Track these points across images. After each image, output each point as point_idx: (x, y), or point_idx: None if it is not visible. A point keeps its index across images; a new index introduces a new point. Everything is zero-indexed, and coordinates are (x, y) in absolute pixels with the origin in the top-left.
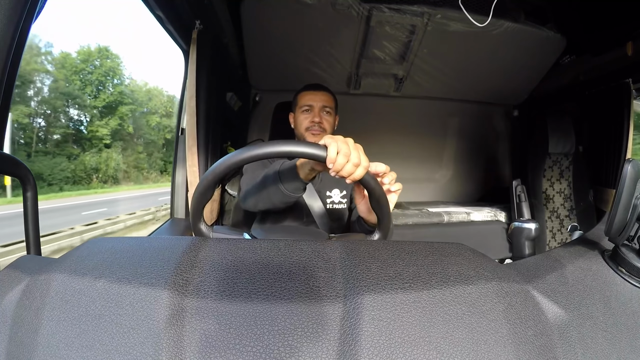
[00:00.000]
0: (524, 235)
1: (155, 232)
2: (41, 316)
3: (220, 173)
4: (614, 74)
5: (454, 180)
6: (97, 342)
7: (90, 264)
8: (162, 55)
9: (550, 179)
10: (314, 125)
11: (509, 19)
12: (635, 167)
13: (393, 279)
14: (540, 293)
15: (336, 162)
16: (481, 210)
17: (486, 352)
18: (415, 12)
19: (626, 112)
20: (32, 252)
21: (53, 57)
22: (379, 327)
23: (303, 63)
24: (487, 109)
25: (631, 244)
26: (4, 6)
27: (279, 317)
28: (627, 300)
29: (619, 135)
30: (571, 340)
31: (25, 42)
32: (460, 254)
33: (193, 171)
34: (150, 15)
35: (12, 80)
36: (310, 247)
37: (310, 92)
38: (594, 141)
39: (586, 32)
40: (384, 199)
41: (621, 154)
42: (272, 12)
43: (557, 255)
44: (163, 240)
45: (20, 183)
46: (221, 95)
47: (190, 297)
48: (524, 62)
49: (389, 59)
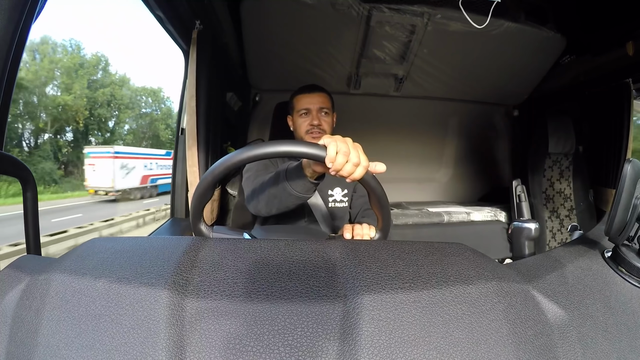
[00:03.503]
0: (524, 235)
1: (155, 232)
2: (41, 316)
3: (220, 173)
4: (614, 74)
5: (454, 180)
6: (97, 342)
7: (90, 264)
8: (161, 55)
9: (550, 179)
10: (313, 128)
11: (508, 19)
12: (635, 167)
13: (393, 278)
14: (540, 293)
15: (336, 162)
16: (481, 210)
17: (486, 352)
18: (415, 12)
19: (626, 112)
20: (32, 252)
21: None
22: (379, 327)
23: (303, 63)
24: (487, 109)
25: (631, 244)
26: (4, 6)
27: (279, 317)
28: (627, 300)
29: (619, 135)
30: (571, 340)
31: (25, 42)
32: (460, 254)
33: (193, 171)
34: (150, 15)
35: (12, 80)
36: (310, 247)
37: (306, 95)
38: (594, 141)
39: (586, 32)
40: (384, 198)
41: (621, 154)
42: (272, 12)
43: (557, 255)
44: (163, 240)
45: (20, 183)
46: (221, 95)
47: (190, 297)
48: (524, 62)
49: (389, 59)
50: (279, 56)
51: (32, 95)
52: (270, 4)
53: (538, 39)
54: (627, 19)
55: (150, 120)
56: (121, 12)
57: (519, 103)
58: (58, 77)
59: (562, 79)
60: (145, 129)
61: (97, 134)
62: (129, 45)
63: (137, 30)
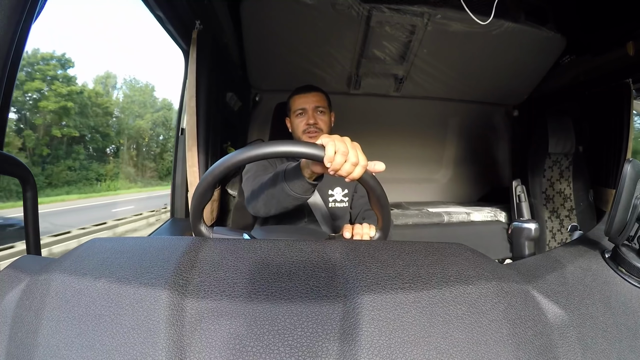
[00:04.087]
0: (524, 235)
1: (155, 232)
2: (41, 316)
3: (220, 173)
4: (614, 74)
5: (454, 180)
6: (97, 342)
7: (90, 264)
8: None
9: (550, 179)
10: (309, 127)
11: (509, 19)
12: (635, 167)
13: (393, 279)
14: (540, 293)
15: (334, 161)
16: (481, 210)
17: (486, 352)
18: (415, 12)
19: (626, 112)
20: (32, 252)
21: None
22: (379, 327)
23: (303, 63)
24: (487, 109)
25: (631, 244)
26: (4, 6)
27: (279, 317)
28: (627, 300)
29: (619, 135)
30: (571, 340)
31: (25, 42)
32: (460, 254)
33: (193, 171)
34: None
35: (12, 80)
36: (310, 247)
37: (302, 95)
38: (594, 141)
39: (586, 32)
40: (384, 198)
41: (621, 154)
42: (272, 12)
43: (557, 255)
44: (163, 240)
45: (20, 183)
46: (221, 95)
47: (190, 297)
48: (524, 62)
49: (389, 59)
50: (279, 56)
51: (123, 122)
52: (270, 4)
53: (538, 39)
54: (627, 19)
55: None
56: (121, 12)
57: (519, 103)
58: (134, 107)
59: (562, 79)
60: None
61: (154, 147)
62: (129, 45)
63: (137, 30)
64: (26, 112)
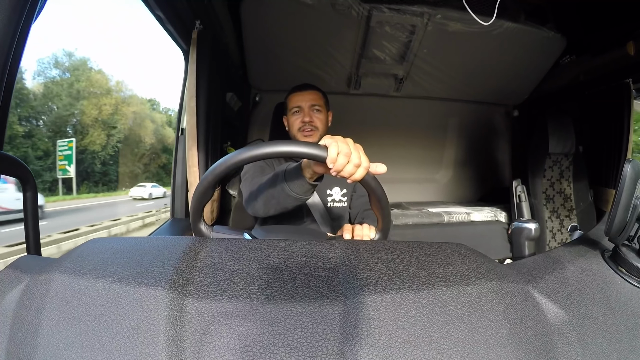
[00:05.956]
0: (524, 235)
1: (155, 232)
2: (41, 316)
3: (220, 173)
4: (614, 74)
5: (454, 181)
6: (97, 342)
7: (90, 264)
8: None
9: (550, 179)
10: (304, 125)
11: (509, 19)
12: (635, 167)
13: (393, 279)
14: (540, 293)
15: (337, 162)
16: (481, 210)
17: (486, 352)
18: (415, 12)
19: (626, 112)
20: (32, 252)
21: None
22: (379, 327)
23: (303, 63)
24: (487, 109)
25: (631, 244)
26: (4, 6)
27: (279, 317)
28: (627, 300)
29: (619, 135)
30: (571, 340)
31: (25, 42)
32: (460, 254)
33: (193, 171)
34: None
35: (12, 80)
36: (310, 247)
37: (298, 93)
38: (594, 141)
39: (586, 32)
40: (385, 199)
41: (621, 154)
42: (272, 12)
43: (557, 255)
44: (163, 240)
45: (20, 183)
46: (221, 96)
47: (190, 297)
48: (524, 62)
49: (389, 59)
50: (279, 56)
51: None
52: (270, 4)
53: (538, 39)
54: (627, 19)
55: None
56: (121, 12)
57: (519, 103)
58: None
59: (562, 79)
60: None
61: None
62: (129, 44)
63: (137, 30)
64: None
